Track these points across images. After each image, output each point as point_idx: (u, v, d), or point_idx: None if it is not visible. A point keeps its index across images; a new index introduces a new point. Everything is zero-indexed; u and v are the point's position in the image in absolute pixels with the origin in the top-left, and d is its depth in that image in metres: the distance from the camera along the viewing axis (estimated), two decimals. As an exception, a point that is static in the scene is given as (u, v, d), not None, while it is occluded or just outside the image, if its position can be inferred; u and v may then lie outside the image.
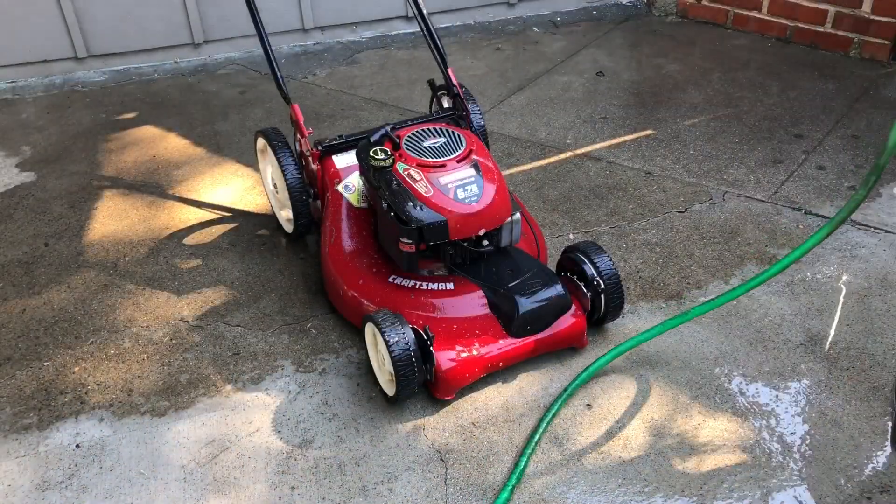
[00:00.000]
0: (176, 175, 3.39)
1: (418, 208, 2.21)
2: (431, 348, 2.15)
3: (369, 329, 2.26)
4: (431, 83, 3.02)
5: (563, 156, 3.47)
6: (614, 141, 3.56)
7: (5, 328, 2.60)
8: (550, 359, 2.39)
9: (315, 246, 2.93)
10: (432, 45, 2.88)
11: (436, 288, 2.37)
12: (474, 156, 2.32)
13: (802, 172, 3.29)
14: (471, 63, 4.34)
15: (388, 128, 2.41)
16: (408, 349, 2.11)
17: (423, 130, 2.39)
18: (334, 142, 2.69)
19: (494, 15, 4.86)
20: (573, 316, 2.35)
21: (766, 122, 3.66)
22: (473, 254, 2.39)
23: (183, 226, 3.07)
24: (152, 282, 2.78)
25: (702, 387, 2.30)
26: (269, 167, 2.95)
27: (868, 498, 1.98)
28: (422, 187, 2.23)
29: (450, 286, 2.37)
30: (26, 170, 3.47)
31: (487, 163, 2.33)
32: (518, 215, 2.33)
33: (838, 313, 2.55)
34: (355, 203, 2.60)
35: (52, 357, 2.48)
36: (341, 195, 2.61)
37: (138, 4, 4.20)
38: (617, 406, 2.25)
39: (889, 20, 4.04)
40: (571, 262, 2.43)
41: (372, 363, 2.32)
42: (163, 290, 2.74)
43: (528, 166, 3.40)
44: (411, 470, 2.09)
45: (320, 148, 2.67)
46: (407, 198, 2.23)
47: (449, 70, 2.84)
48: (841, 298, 2.61)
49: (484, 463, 2.10)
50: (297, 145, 2.80)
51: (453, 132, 2.38)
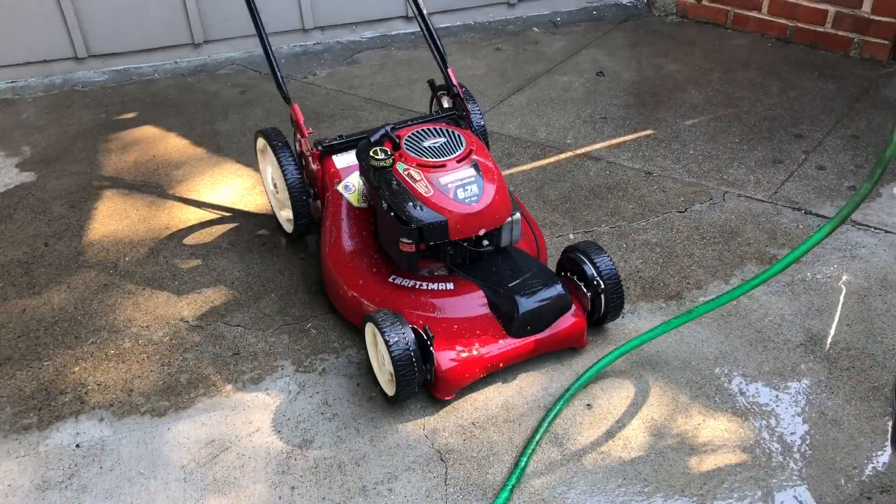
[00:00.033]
0: (176, 175, 3.39)
1: (418, 208, 2.21)
2: (431, 348, 2.15)
3: (369, 329, 2.26)
4: (431, 83, 3.02)
5: (563, 156, 3.47)
6: (614, 141, 3.56)
7: (5, 328, 2.60)
8: (550, 359, 2.39)
9: (315, 246, 2.93)
10: (432, 45, 2.88)
11: (436, 288, 2.37)
12: (474, 156, 2.32)
13: (802, 172, 3.29)
14: (471, 63, 4.34)
15: (388, 128, 2.41)
16: (408, 349, 2.11)
17: (423, 130, 2.39)
18: (334, 142, 2.69)
19: (494, 15, 4.86)
20: (573, 316, 2.35)
21: (766, 122, 3.66)
22: (473, 254, 2.39)
23: (183, 226, 3.07)
24: (152, 282, 2.78)
25: (702, 387, 2.30)
26: (269, 167, 2.95)
27: (868, 498, 1.98)
28: (422, 187, 2.23)
29: (450, 286, 2.37)
30: (26, 170, 3.47)
31: (487, 163, 2.33)
32: (518, 215, 2.33)
33: (838, 313, 2.55)
34: (355, 203, 2.60)
35: (52, 357, 2.48)
36: (341, 195, 2.61)
37: (138, 4, 4.20)
38: (617, 406, 2.25)
39: (889, 20, 4.04)
40: (571, 262, 2.43)
41: (372, 363, 2.32)
42: (163, 290, 2.74)
43: (528, 166, 3.40)
44: (411, 470, 2.09)
45: (320, 148, 2.67)
46: (407, 198, 2.23)
47: (449, 70, 2.84)
48: (841, 298, 2.61)
49: (484, 463, 2.10)
50: (297, 145, 2.80)
51: (453, 132, 2.38)
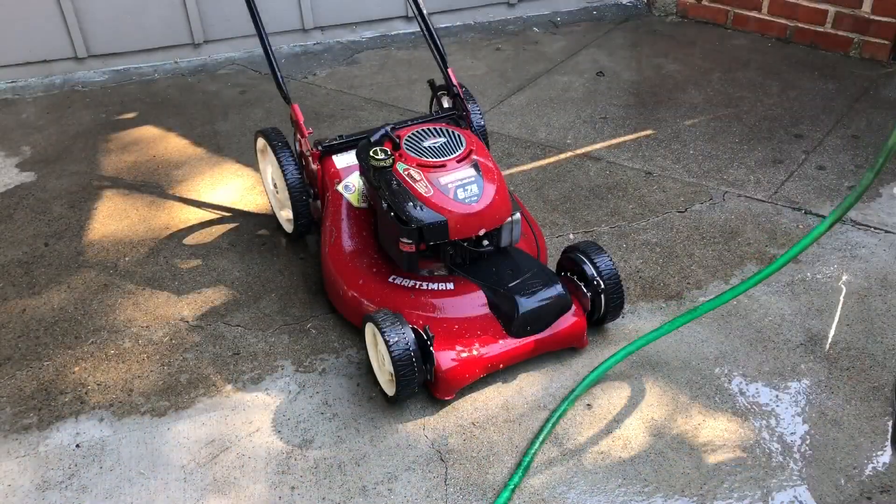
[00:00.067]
0: (176, 175, 3.39)
1: (418, 208, 2.21)
2: (431, 348, 2.15)
3: (369, 329, 2.26)
4: (431, 83, 3.02)
5: (563, 156, 3.46)
6: (614, 141, 3.56)
7: (5, 328, 2.60)
8: (550, 359, 2.39)
9: (315, 246, 2.93)
10: (432, 45, 2.87)
11: (436, 288, 2.37)
12: (474, 156, 2.32)
13: (802, 172, 3.29)
14: (471, 63, 4.34)
15: (388, 128, 2.41)
16: (408, 349, 2.11)
17: (423, 130, 2.39)
18: (334, 142, 2.69)
19: (494, 15, 4.86)
20: (573, 316, 2.35)
21: (766, 122, 3.66)
22: (473, 254, 2.39)
23: (183, 226, 3.07)
24: (152, 282, 2.78)
25: (702, 387, 2.30)
26: (269, 167, 2.95)
27: (868, 498, 1.98)
28: (422, 187, 2.23)
29: (450, 286, 2.37)
30: (26, 170, 3.47)
31: (487, 163, 2.33)
32: (518, 215, 2.33)
33: (838, 313, 2.55)
34: (355, 203, 2.60)
35: (52, 357, 2.48)
36: (341, 195, 2.61)
37: (138, 4, 4.20)
38: (617, 406, 2.25)
39: (889, 20, 4.04)
40: (571, 262, 2.43)
41: (372, 363, 2.32)
42: (163, 290, 2.74)
43: (528, 166, 3.40)
44: (411, 470, 2.09)
45: (320, 148, 2.67)
46: (407, 198, 2.23)
47: (449, 70, 2.84)
48: (841, 298, 2.61)
49: (484, 463, 2.10)
50: (297, 145, 2.80)
51: (453, 132, 2.38)
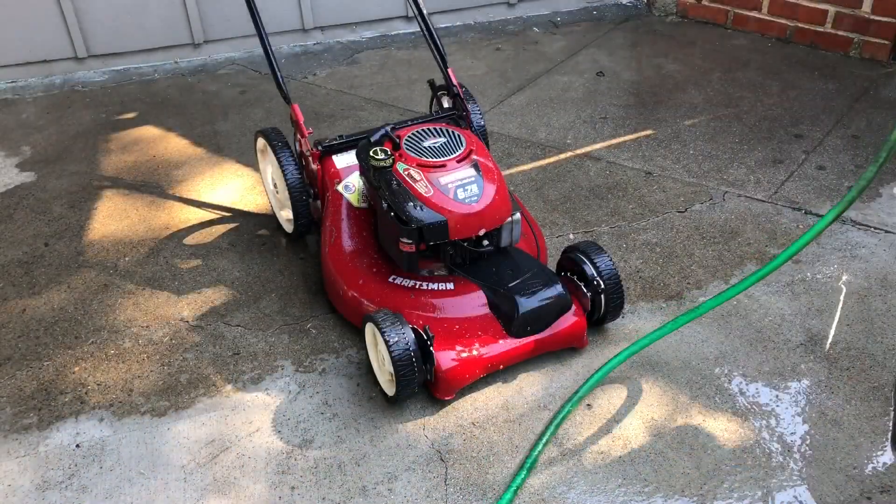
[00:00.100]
0: (176, 175, 3.39)
1: (418, 208, 2.21)
2: (431, 348, 2.15)
3: (369, 329, 2.26)
4: (431, 83, 3.02)
5: (563, 156, 3.46)
6: (614, 141, 3.56)
7: (5, 328, 2.60)
8: (550, 359, 2.39)
9: (315, 246, 2.93)
10: (432, 45, 2.87)
11: (436, 288, 2.37)
12: (474, 156, 2.32)
13: (802, 172, 3.29)
14: (471, 63, 4.34)
15: (388, 128, 2.41)
16: (408, 349, 2.11)
17: (423, 130, 2.39)
18: (334, 142, 2.69)
19: (494, 15, 4.86)
20: (573, 316, 2.35)
21: (766, 122, 3.66)
22: (473, 254, 2.39)
23: (183, 226, 3.07)
24: (152, 282, 2.78)
25: (702, 387, 2.30)
26: (269, 167, 2.95)
27: (868, 498, 1.98)
28: (422, 187, 2.23)
29: (450, 286, 2.37)
30: (26, 170, 3.47)
31: (487, 163, 2.33)
32: (518, 215, 2.33)
33: (838, 313, 2.55)
34: (355, 203, 2.60)
35: (52, 357, 2.48)
36: (341, 195, 2.61)
37: (138, 4, 4.20)
38: (617, 406, 2.25)
39: (889, 20, 4.04)
40: (571, 262, 2.43)
41: (372, 363, 2.32)
42: (163, 290, 2.74)
43: (528, 166, 3.40)
44: (411, 470, 2.09)
45: (320, 148, 2.67)
46: (407, 198, 2.23)
47: (449, 70, 2.84)
48: (841, 298, 2.61)
49: (484, 463, 2.10)
50: (297, 145, 2.80)
51: (453, 132, 2.38)
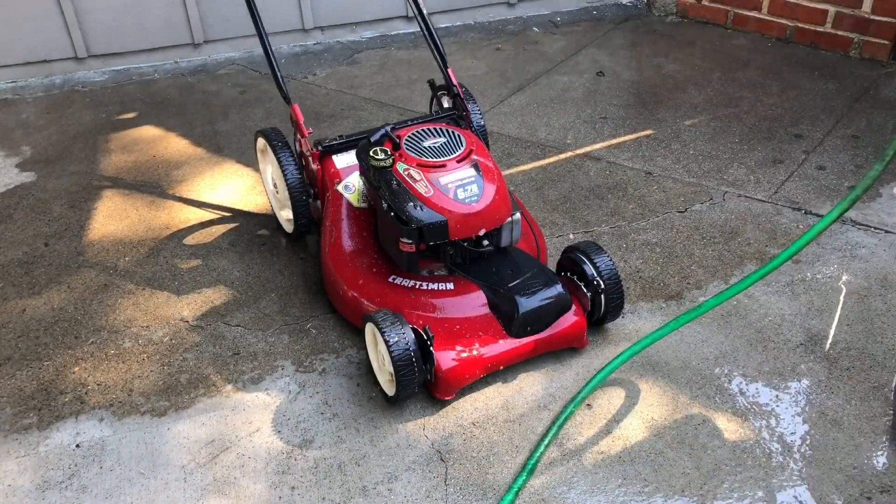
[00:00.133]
0: (176, 175, 3.39)
1: (418, 208, 2.21)
2: (431, 348, 2.15)
3: (369, 329, 2.26)
4: (431, 83, 3.02)
5: (563, 156, 3.46)
6: (614, 141, 3.56)
7: (5, 328, 2.60)
8: (550, 359, 2.39)
9: (315, 246, 2.93)
10: (432, 45, 2.87)
11: (436, 288, 2.37)
12: (474, 156, 2.32)
13: (802, 172, 3.29)
14: (471, 63, 4.34)
15: (388, 128, 2.41)
16: (408, 349, 2.11)
17: (423, 130, 2.39)
18: (334, 142, 2.69)
19: (494, 15, 4.86)
20: (573, 316, 2.35)
21: (766, 122, 3.66)
22: (473, 254, 2.39)
23: (183, 226, 3.07)
24: (152, 282, 2.78)
25: (702, 387, 2.30)
26: (269, 167, 2.95)
27: (868, 498, 1.98)
28: (422, 187, 2.23)
29: (450, 286, 2.37)
30: (26, 170, 3.47)
31: (487, 163, 2.33)
32: (518, 215, 2.33)
33: (838, 313, 2.55)
34: (355, 203, 2.60)
35: (52, 357, 2.48)
36: (341, 195, 2.61)
37: (138, 4, 4.20)
38: (617, 406, 2.25)
39: (889, 20, 4.04)
40: (571, 262, 2.43)
41: (372, 363, 2.32)
42: (163, 290, 2.74)
43: (528, 166, 3.40)
44: (411, 470, 2.09)
45: (320, 148, 2.67)
46: (407, 198, 2.23)
47: (449, 70, 2.84)
48: (841, 298, 2.61)
49: (484, 463, 2.10)
50: (297, 145, 2.80)
51: (453, 132, 2.38)
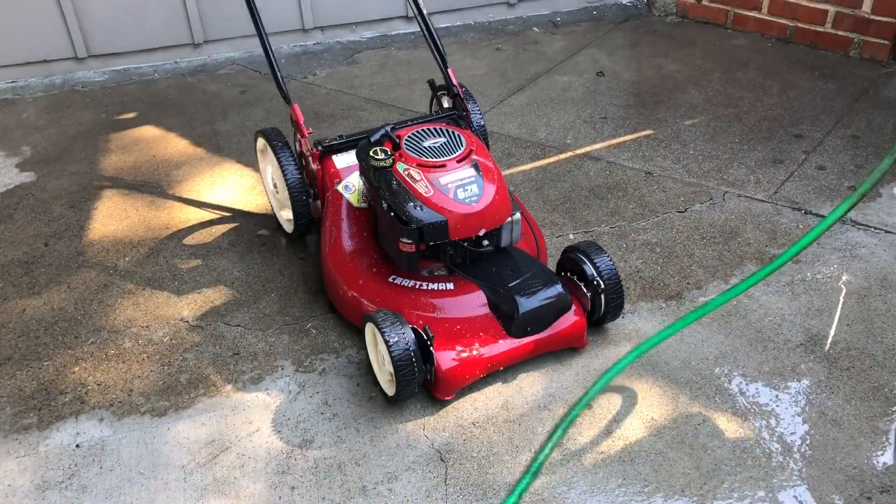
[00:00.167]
0: (176, 175, 3.39)
1: (418, 208, 2.21)
2: (431, 348, 2.15)
3: (369, 329, 2.26)
4: (431, 83, 3.02)
5: (563, 156, 3.46)
6: (614, 141, 3.56)
7: (5, 328, 2.60)
8: (550, 359, 2.39)
9: (315, 246, 2.93)
10: (432, 45, 2.87)
11: (436, 288, 2.37)
12: (474, 156, 2.32)
13: (802, 172, 3.29)
14: (471, 63, 4.34)
15: (388, 128, 2.41)
16: (408, 349, 2.11)
17: (423, 130, 2.39)
18: (334, 142, 2.69)
19: (494, 15, 4.86)
20: (573, 316, 2.35)
21: (766, 122, 3.66)
22: (473, 254, 2.39)
23: (183, 226, 3.07)
24: (152, 282, 2.78)
25: (702, 387, 2.30)
26: (269, 167, 2.95)
27: (868, 498, 1.98)
28: (422, 187, 2.23)
29: (450, 286, 2.37)
30: (26, 170, 3.47)
31: (487, 163, 2.33)
32: (518, 215, 2.33)
33: (838, 313, 2.55)
34: (355, 203, 2.60)
35: (52, 357, 2.48)
36: (341, 195, 2.61)
37: (138, 4, 4.20)
38: (617, 406, 2.25)
39: (889, 20, 4.04)
40: (571, 262, 2.43)
41: (372, 363, 2.32)
42: (163, 290, 2.74)
43: (528, 166, 3.40)
44: (411, 470, 2.09)
45: (320, 148, 2.67)
46: (407, 198, 2.23)
47: (449, 70, 2.84)
48: (841, 298, 2.61)
49: (484, 463, 2.10)
50: (297, 145, 2.80)
51: (453, 132, 2.38)
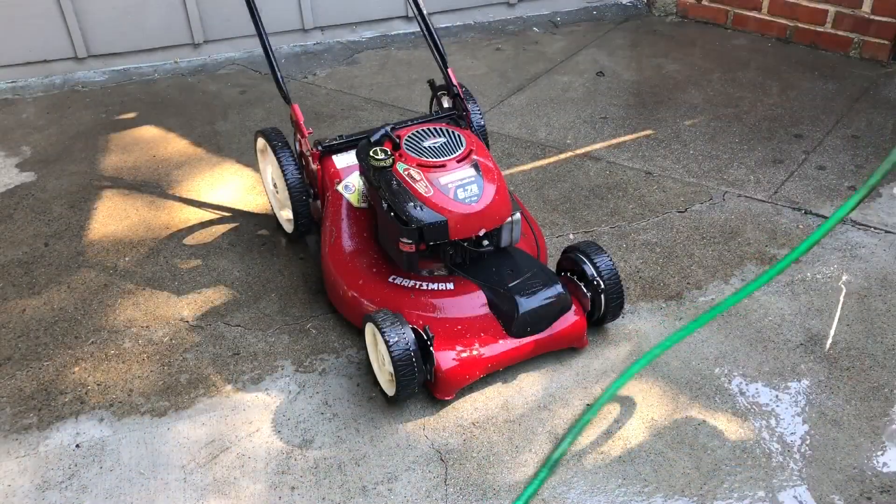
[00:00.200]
0: (176, 175, 3.39)
1: (418, 208, 2.21)
2: (431, 348, 2.15)
3: (369, 329, 2.26)
4: (431, 83, 3.02)
5: (563, 156, 3.46)
6: (614, 141, 3.56)
7: (5, 328, 2.60)
8: (550, 359, 2.39)
9: (315, 246, 2.93)
10: (432, 45, 2.87)
11: (436, 288, 2.37)
12: (474, 156, 2.32)
13: (802, 172, 3.29)
14: (471, 63, 4.34)
15: (388, 128, 2.41)
16: (408, 349, 2.11)
17: (423, 130, 2.39)
18: (334, 142, 2.69)
19: (494, 15, 4.86)
20: (573, 316, 2.35)
21: (766, 122, 3.66)
22: (473, 254, 2.39)
23: (183, 226, 3.07)
24: (152, 282, 2.78)
25: (702, 387, 2.30)
26: (269, 167, 2.95)
27: (868, 498, 1.98)
28: (422, 187, 2.23)
29: (450, 286, 2.37)
30: (26, 170, 3.47)
31: (487, 163, 2.33)
32: (518, 215, 2.33)
33: (838, 313, 2.55)
34: (355, 203, 2.60)
35: (52, 357, 2.48)
36: (341, 195, 2.61)
37: (138, 4, 4.20)
38: (617, 406, 2.25)
39: (889, 20, 4.04)
40: (571, 262, 2.43)
41: (372, 363, 2.32)
42: (163, 290, 2.74)
43: (528, 166, 3.40)
44: (411, 470, 2.09)
45: (320, 148, 2.67)
46: (407, 198, 2.23)
47: (449, 70, 2.84)
48: (841, 298, 2.61)
49: (484, 463, 2.10)
50: (297, 145, 2.80)
51: (453, 132, 2.38)
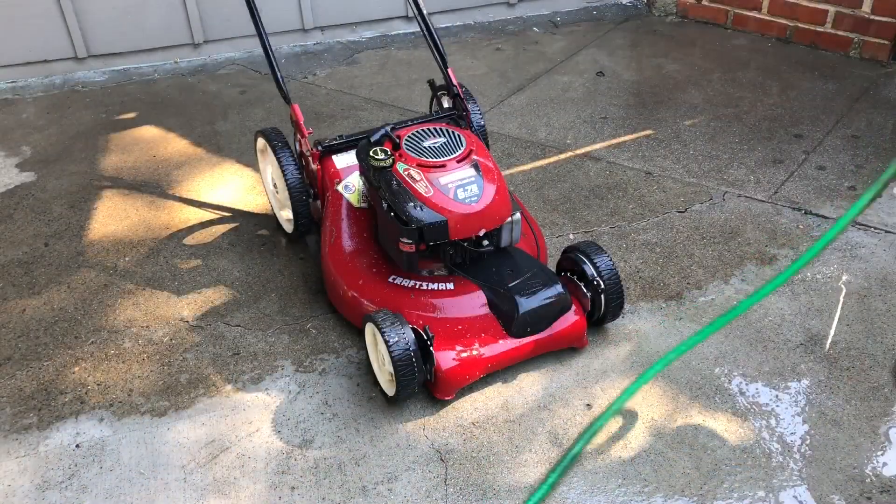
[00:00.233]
0: (176, 175, 3.39)
1: (418, 208, 2.21)
2: (431, 348, 2.15)
3: (369, 329, 2.26)
4: (431, 83, 3.02)
5: (563, 156, 3.46)
6: (614, 141, 3.56)
7: (5, 328, 2.60)
8: (550, 359, 2.39)
9: (315, 246, 2.93)
10: (432, 45, 2.87)
11: (436, 288, 2.37)
12: (474, 156, 2.32)
13: (802, 172, 3.29)
14: (471, 63, 4.34)
15: (388, 128, 2.41)
16: (408, 349, 2.11)
17: (423, 130, 2.39)
18: (334, 142, 2.69)
19: (494, 15, 4.86)
20: (573, 316, 2.35)
21: (766, 122, 3.66)
22: (473, 254, 2.39)
23: (183, 226, 3.07)
24: (152, 282, 2.78)
25: (702, 387, 2.30)
26: (269, 167, 2.95)
27: (868, 498, 1.98)
28: (422, 187, 2.23)
29: (450, 286, 2.37)
30: (26, 170, 3.47)
31: (487, 163, 2.33)
32: (518, 215, 2.33)
33: (838, 313, 2.55)
34: (355, 203, 2.60)
35: (52, 357, 2.48)
36: (341, 195, 2.61)
37: (138, 4, 4.20)
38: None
39: (889, 20, 4.04)
40: (571, 262, 2.43)
41: (372, 363, 2.32)
42: (163, 290, 2.74)
43: (528, 166, 3.40)
44: (411, 470, 2.09)
45: (320, 148, 2.67)
46: (407, 198, 2.23)
47: (449, 70, 2.84)
48: (841, 298, 2.61)
49: (484, 463, 2.10)
50: (297, 145, 2.80)
51: (453, 132, 2.38)
